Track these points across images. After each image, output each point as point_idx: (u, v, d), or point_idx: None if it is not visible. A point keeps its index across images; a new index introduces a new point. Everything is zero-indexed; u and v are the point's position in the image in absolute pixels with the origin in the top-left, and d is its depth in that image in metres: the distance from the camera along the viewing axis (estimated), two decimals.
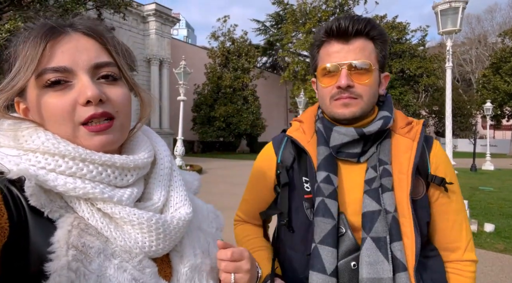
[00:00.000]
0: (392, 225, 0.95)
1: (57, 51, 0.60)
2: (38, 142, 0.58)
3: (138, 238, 0.59)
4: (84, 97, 0.59)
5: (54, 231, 0.53)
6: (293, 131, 1.17)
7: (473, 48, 49.83)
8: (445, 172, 1.03)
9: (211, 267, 0.72)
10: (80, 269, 0.51)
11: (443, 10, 6.70)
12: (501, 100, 31.61)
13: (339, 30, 0.99)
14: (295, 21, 27.44)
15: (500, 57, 32.76)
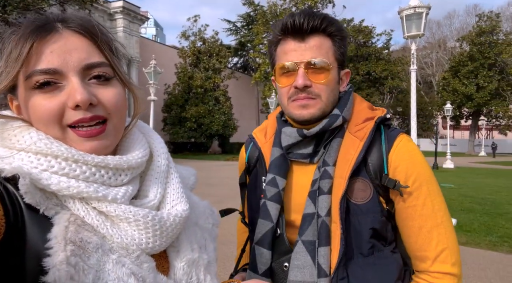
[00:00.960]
0: (321, 229, 0.93)
1: (45, 51, 0.57)
2: (30, 142, 0.57)
3: (134, 235, 0.59)
4: (73, 101, 0.57)
5: (50, 227, 0.52)
6: (257, 131, 1.17)
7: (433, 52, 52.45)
8: (407, 172, 0.93)
9: (208, 261, 0.72)
10: (79, 264, 0.51)
11: (408, 15, 7.03)
12: (460, 101, 33.53)
13: (294, 27, 0.95)
14: (265, 23, 27.65)
15: (458, 61, 34.77)
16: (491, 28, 33.07)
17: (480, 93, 32.57)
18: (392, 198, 0.95)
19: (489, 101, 32.86)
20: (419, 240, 0.94)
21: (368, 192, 0.94)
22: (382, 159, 0.95)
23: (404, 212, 0.94)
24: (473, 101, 32.99)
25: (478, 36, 33.37)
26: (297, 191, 1.02)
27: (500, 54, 32.00)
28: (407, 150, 0.95)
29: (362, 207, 0.93)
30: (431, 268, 0.93)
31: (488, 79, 32.48)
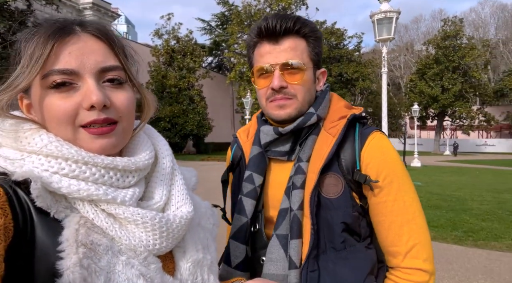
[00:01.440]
0: (293, 223, 0.95)
1: (64, 52, 0.59)
2: (41, 145, 0.58)
3: (142, 237, 0.60)
4: (89, 102, 0.58)
5: (61, 230, 0.53)
6: (241, 131, 1.20)
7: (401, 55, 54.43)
8: (378, 168, 0.95)
9: (211, 262, 0.73)
10: (91, 266, 0.52)
11: (379, 19, 7.30)
12: (426, 103, 34.98)
13: (268, 30, 0.97)
14: (240, 23, 27.66)
15: (425, 63, 36.24)
16: (455, 33, 34.73)
17: (445, 94, 34.13)
18: (366, 194, 0.97)
19: (453, 103, 34.48)
20: (390, 236, 0.95)
21: (339, 187, 0.96)
22: (355, 155, 0.97)
23: (376, 208, 0.96)
24: (438, 103, 34.51)
25: (443, 40, 34.94)
26: (275, 187, 1.05)
27: (463, 57, 33.67)
28: (379, 147, 0.97)
29: (334, 201, 0.95)
30: (402, 264, 0.94)
31: (452, 82, 34.08)
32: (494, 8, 57.94)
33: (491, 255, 4.89)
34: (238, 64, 27.85)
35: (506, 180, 13.47)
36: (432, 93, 34.26)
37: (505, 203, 8.56)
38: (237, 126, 37.24)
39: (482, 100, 38.37)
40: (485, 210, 7.64)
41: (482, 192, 10.15)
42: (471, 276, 4.10)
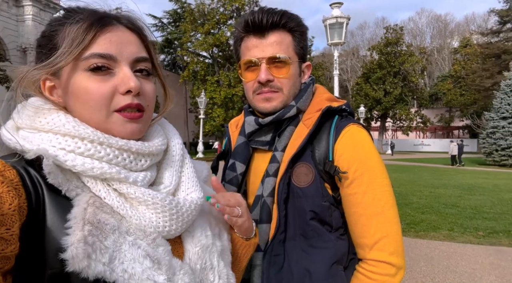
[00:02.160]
0: (262, 209, 0.99)
1: (105, 39, 0.62)
2: (59, 124, 0.59)
3: (152, 218, 0.61)
4: (126, 87, 0.62)
5: (71, 208, 0.54)
6: (232, 121, 1.24)
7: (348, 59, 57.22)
8: (350, 160, 0.96)
9: (222, 249, 0.74)
10: (96, 244, 0.53)
11: (331, 24, 7.65)
12: (371, 105, 37.14)
13: (255, 24, 0.98)
14: (193, 21, 27.26)
15: (369, 68, 38.46)
16: (396, 40, 37.25)
17: (387, 97, 36.48)
18: (338, 185, 0.98)
19: (394, 105, 36.97)
20: (358, 227, 0.96)
21: (310, 176, 0.97)
22: (328, 147, 0.98)
23: (347, 200, 0.97)
24: (381, 105, 36.79)
25: (385, 46, 37.30)
26: (256, 176, 1.08)
27: (403, 63, 36.23)
28: (352, 139, 0.98)
29: (304, 190, 0.97)
30: (368, 256, 0.94)
31: (393, 86, 36.53)
32: (429, 18, 63.18)
33: (431, 244, 5.37)
34: (192, 63, 27.43)
35: (441, 176, 14.79)
36: (376, 96, 36.48)
37: (441, 197, 9.40)
38: (190, 126, 36.64)
39: (419, 103, 41.59)
40: (424, 204, 8.33)
41: (421, 187, 11.04)
42: (414, 264, 4.47)
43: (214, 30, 27.50)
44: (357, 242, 0.98)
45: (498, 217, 7.08)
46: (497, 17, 40.11)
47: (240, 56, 1.06)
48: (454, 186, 11.56)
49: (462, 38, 51.89)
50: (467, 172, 16.97)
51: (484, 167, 21.21)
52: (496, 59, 38.20)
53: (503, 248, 5.19)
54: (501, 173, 16.71)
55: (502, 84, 23.39)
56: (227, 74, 27.06)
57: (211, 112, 26.44)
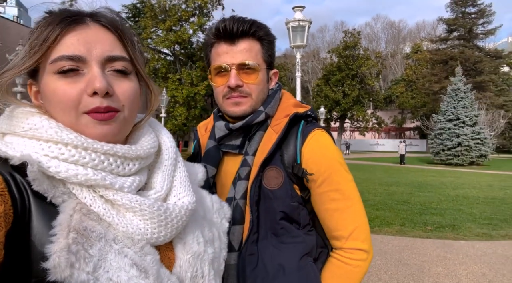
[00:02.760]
0: (235, 211, 1.01)
1: (72, 39, 0.60)
2: (41, 130, 0.58)
3: (140, 225, 0.59)
4: (91, 88, 0.59)
5: (56, 215, 0.53)
6: (201, 124, 1.26)
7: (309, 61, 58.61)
8: (318, 163, 1.03)
9: (214, 257, 0.72)
10: (80, 252, 0.51)
11: (294, 27, 7.83)
12: (330, 106, 38.29)
13: (226, 31, 1.02)
14: (154, 17, 26.53)
15: (329, 70, 39.63)
16: (354, 44, 38.75)
17: (346, 99, 37.84)
18: (308, 186, 1.04)
19: (352, 106, 38.44)
20: (333, 222, 1.04)
21: (280, 179, 1.02)
22: (296, 151, 1.04)
23: (320, 198, 1.04)
24: (340, 106, 38.10)
25: (344, 49, 38.63)
26: (226, 179, 1.11)
27: (360, 66, 37.75)
28: (317, 144, 1.05)
29: (275, 192, 1.02)
30: (345, 245, 1.03)
31: (351, 88, 37.95)
32: (384, 24, 66.37)
33: (384, 239, 5.70)
34: (152, 60, 26.71)
35: (394, 175, 15.64)
36: (335, 97, 37.70)
37: (393, 194, 9.96)
38: None
39: (375, 105, 43.65)
40: (378, 201, 8.79)
41: (376, 185, 11.63)
42: None
43: (176, 27, 26.97)
44: (332, 235, 1.06)
45: (444, 212, 7.65)
46: (445, 25, 43.09)
47: (211, 62, 1.09)
48: (405, 184, 12.29)
49: (414, 44, 55.13)
50: (417, 171, 18.10)
51: (432, 166, 22.73)
52: (443, 65, 41.01)
53: (448, 241, 5.62)
54: (447, 172, 18.00)
55: (449, 88, 25.18)
56: (189, 72, 26.64)
57: (173, 110, 25.91)
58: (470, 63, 38.94)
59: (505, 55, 42.98)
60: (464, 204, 8.58)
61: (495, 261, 4.72)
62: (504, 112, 31.75)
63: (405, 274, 4.24)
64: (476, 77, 38.11)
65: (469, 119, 23.87)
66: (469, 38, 41.67)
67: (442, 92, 30.68)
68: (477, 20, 41.29)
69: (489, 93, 37.37)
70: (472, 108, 24.28)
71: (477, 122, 24.12)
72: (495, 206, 8.43)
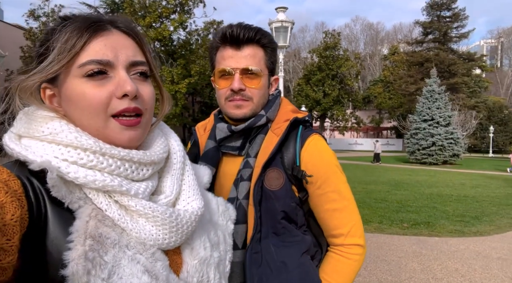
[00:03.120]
0: (238, 210, 1.04)
1: (100, 45, 0.62)
2: (61, 135, 0.59)
3: (152, 231, 0.60)
4: (123, 91, 0.61)
5: (73, 221, 0.54)
6: (200, 125, 1.29)
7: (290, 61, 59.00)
8: (316, 166, 1.08)
9: (219, 260, 0.74)
10: (96, 259, 0.52)
11: (277, 27, 7.90)
12: (311, 105, 38.76)
13: (232, 37, 1.07)
14: (133, 13, 26.03)
15: (310, 70, 40.08)
16: (334, 44, 39.33)
17: (326, 99, 38.39)
18: (307, 187, 1.10)
19: (332, 106, 39.05)
20: (333, 221, 1.11)
21: (281, 180, 1.08)
22: (295, 154, 1.09)
23: (319, 199, 1.10)
24: (320, 106, 38.63)
25: (324, 50, 39.16)
26: (226, 179, 1.15)
27: (340, 67, 38.37)
28: (316, 148, 1.11)
29: (276, 193, 1.07)
30: (345, 242, 1.10)
31: (331, 88, 38.54)
32: (363, 26, 67.66)
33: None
34: None
35: (372, 173, 16.03)
36: (316, 97, 38.18)
37: (372, 192, 10.23)
38: None
39: (354, 105, 44.53)
40: (357, 199, 8.82)
41: (355, 184, 11.89)
42: None
43: (156, 24, 26.56)
44: (331, 234, 1.12)
45: (419, 210, 7.93)
46: (421, 28, 44.38)
47: (215, 64, 1.13)
48: (383, 182, 12.64)
49: (391, 46, 56.47)
50: (394, 169, 18.61)
51: (408, 164, 23.42)
52: (419, 67, 42.27)
53: (423, 237, 5.85)
54: (422, 170, 18.60)
55: (424, 89, 25.97)
56: (170, 70, 26.31)
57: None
58: (445, 65, 40.30)
59: (477, 57, 44.78)
60: (438, 202, 8.92)
61: (467, 256, 4.95)
62: (475, 113, 33.13)
63: (383, 270, 4.39)
64: (450, 79, 39.48)
65: (443, 120, 24.70)
66: (443, 41, 43.13)
67: (418, 93, 31.65)
68: (452, 24, 42.78)
69: (462, 95, 38.81)
70: (446, 109, 25.13)
71: (451, 123, 24.98)
72: (467, 203, 8.81)
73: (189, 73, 27.10)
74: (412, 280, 4.09)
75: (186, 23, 27.18)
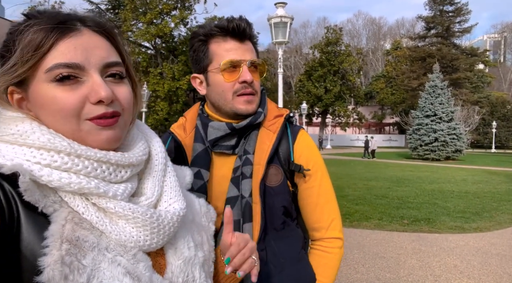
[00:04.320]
0: (245, 209, 1.04)
1: (69, 46, 0.58)
2: (33, 137, 0.56)
3: (132, 233, 0.59)
4: (97, 97, 0.58)
5: (48, 225, 0.52)
6: (175, 127, 1.21)
7: (291, 57, 58.80)
8: (307, 159, 1.12)
9: (204, 260, 0.72)
10: (73, 263, 0.51)
11: (276, 23, 7.85)
12: (312, 101, 38.73)
13: (234, 29, 1.03)
14: (134, 9, 25.97)
15: (311, 66, 39.96)
16: (336, 40, 39.17)
17: (327, 95, 38.32)
18: (296, 181, 1.13)
19: (334, 102, 38.99)
20: (316, 214, 1.14)
21: (279, 176, 1.10)
22: (289, 149, 1.12)
23: (305, 192, 1.13)
24: (322, 102, 38.57)
25: (326, 46, 39.05)
26: (218, 181, 1.10)
27: (342, 62, 38.27)
28: (306, 142, 1.15)
29: (276, 189, 1.08)
30: (325, 235, 1.14)
31: (333, 84, 38.45)
32: (366, 21, 67.28)
33: (363, 233, 5.85)
34: (133, 53, 26.18)
35: (373, 169, 16.01)
36: (317, 93, 38.11)
37: (373, 189, 10.21)
38: None
39: (356, 101, 44.32)
40: (358, 196, 8.99)
41: (356, 180, 11.87)
42: (348, 251, 4.84)
43: (157, 20, 26.49)
44: (313, 227, 1.16)
45: (420, 206, 7.92)
46: (424, 23, 44.09)
47: (212, 57, 1.07)
48: (384, 178, 12.61)
49: (394, 41, 56.18)
50: (396, 166, 18.57)
51: (410, 160, 23.37)
52: (422, 62, 42.02)
53: (424, 234, 5.84)
54: (424, 166, 18.56)
55: (427, 85, 25.86)
56: (171, 66, 26.28)
57: (154, 105, 25.53)
58: (447, 60, 40.07)
59: (480, 53, 44.52)
60: (439, 198, 8.90)
61: (466, 252, 4.94)
62: (478, 108, 32.97)
63: (381, 267, 4.38)
64: (453, 74, 39.27)
65: (445, 115, 24.60)
66: (446, 36, 42.85)
67: (420, 88, 31.47)
68: (454, 19, 42.49)
69: (464, 90, 38.66)
70: (449, 104, 25.03)
71: (453, 118, 24.90)
72: (468, 200, 8.78)
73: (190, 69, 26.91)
74: (410, 277, 4.09)
75: (187, 20, 27.08)
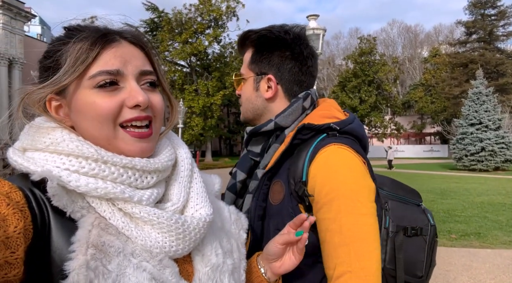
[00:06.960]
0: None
1: (110, 55, 0.63)
2: (63, 145, 0.59)
3: (158, 238, 0.59)
4: (135, 101, 0.62)
5: (75, 231, 0.54)
6: None
7: (324, 68, 58.42)
8: (322, 183, 0.88)
9: (234, 267, 0.71)
10: (98, 268, 0.52)
11: (308, 35, 7.84)
12: None
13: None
14: (171, 30, 27.18)
15: (345, 77, 39.48)
16: (370, 50, 38.51)
17: (362, 105, 37.53)
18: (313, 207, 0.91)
19: (370, 113, 38.07)
20: (324, 256, 0.88)
21: (281, 195, 0.94)
22: (303, 167, 0.92)
23: (319, 224, 0.89)
24: (357, 113, 37.73)
25: (359, 56, 38.49)
26: None
27: (377, 72, 37.48)
28: (326, 162, 0.90)
29: (275, 208, 0.95)
30: None
31: (368, 94, 37.65)
32: (400, 29, 65.60)
33: None
34: (169, 72, 27.26)
35: (415, 181, 15.24)
36: (352, 104, 37.42)
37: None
38: None
39: (393, 110, 43.00)
40: None
41: None
42: None
43: (192, 39, 27.51)
44: (325, 272, 0.89)
45: (469, 220, 7.41)
46: (464, 28, 42.25)
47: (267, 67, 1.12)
48: (427, 190, 11.97)
49: (432, 48, 54.18)
50: (440, 177, 17.61)
51: (455, 172, 22.08)
52: (463, 68, 40.09)
53: (474, 249, 5.44)
54: (471, 178, 17.44)
55: (470, 92, 24.54)
56: (205, 83, 27.03)
57: (190, 121, 26.30)
58: (491, 65, 37.94)
59: None
60: (490, 211, 8.29)
61: None
62: None
63: None
64: (499, 79, 37.05)
65: (492, 123, 23.15)
66: (489, 41, 40.71)
67: (463, 96, 29.98)
68: (498, 22, 40.33)
69: None
70: (495, 111, 23.56)
71: (501, 126, 23.35)
72: None
73: (224, 85, 27.64)
74: None
75: (220, 37, 27.89)
